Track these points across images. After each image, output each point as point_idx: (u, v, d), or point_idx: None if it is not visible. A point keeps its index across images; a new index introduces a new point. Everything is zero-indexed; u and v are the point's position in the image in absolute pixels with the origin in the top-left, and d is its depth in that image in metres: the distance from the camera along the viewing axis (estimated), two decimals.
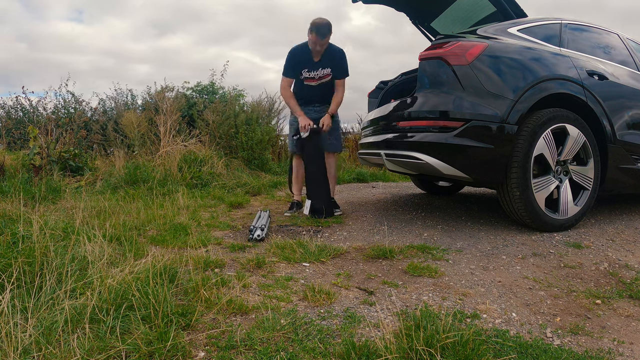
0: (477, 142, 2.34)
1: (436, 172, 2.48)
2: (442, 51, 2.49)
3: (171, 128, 5.34)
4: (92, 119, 7.07)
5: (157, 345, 1.20)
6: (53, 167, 4.50)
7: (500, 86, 2.41)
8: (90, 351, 1.16)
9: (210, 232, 2.67)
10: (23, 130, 6.26)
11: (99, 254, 1.79)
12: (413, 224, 2.83)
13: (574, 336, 1.42)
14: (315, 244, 2.22)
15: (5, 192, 3.49)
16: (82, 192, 3.82)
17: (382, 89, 3.67)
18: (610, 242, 2.38)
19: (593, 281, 1.88)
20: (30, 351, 1.14)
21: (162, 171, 4.58)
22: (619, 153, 2.74)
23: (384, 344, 1.20)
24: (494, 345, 1.29)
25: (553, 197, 2.54)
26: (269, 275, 1.88)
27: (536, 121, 2.41)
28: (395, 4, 3.62)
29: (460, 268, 2.00)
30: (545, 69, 2.53)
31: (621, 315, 1.57)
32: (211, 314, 1.45)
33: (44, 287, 1.46)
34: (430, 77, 2.53)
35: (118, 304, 1.37)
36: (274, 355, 1.20)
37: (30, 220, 2.11)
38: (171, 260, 1.85)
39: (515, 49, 2.55)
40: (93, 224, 2.31)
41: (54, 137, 5.08)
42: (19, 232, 1.85)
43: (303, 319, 1.44)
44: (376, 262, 2.10)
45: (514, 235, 2.47)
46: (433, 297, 1.69)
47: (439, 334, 1.20)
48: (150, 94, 7.33)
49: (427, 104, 2.51)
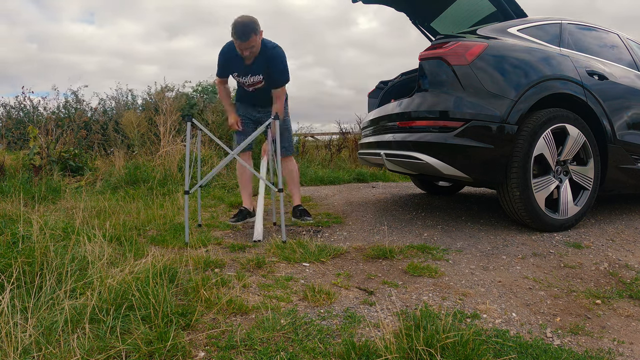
0: (477, 142, 2.34)
1: (436, 172, 2.48)
2: (442, 51, 2.49)
3: (171, 128, 5.34)
4: (92, 118, 7.07)
5: (157, 345, 1.20)
6: (53, 167, 4.50)
7: (500, 86, 2.41)
8: (90, 351, 1.16)
9: (210, 232, 2.67)
10: (23, 130, 6.26)
11: (99, 254, 1.79)
12: (413, 224, 2.83)
13: (574, 336, 1.42)
14: (315, 244, 2.22)
15: (5, 192, 3.50)
16: (82, 192, 3.82)
17: (382, 89, 3.67)
18: (610, 242, 2.38)
19: (593, 281, 1.88)
20: (30, 351, 1.14)
21: (162, 171, 4.58)
22: (619, 153, 2.74)
23: (384, 344, 1.20)
24: (494, 345, 1.29)
25: (553, 197, 2.54)
26: (269, 275, 1.88)
27: (536, 121, 2.41)
28: (395, 4, 3.62)
29: (460, 268, 2.00)
30: (545, 69, 2.53)
31: (621, 315, 1.57)
32: (211, 314, 1.45)
33: (44, 287, 1.46)
34: (430, 77, 2.53)
35: (118, 304, 1.37)
36: (274, 355, 1.20)
37: (30, 220, 2.11)
38: (171, 260, 1.85)
39: (515, 49, 2.55)
40: (93, 224, 2.31)
41: (54, 137, 5.08)
42: (19, 232, 1.85)
43: (303, 319, 1.44)
44: (376, 262, 2.10)
45: (514, 235, 2.47)
46: (433, 297, 1.69)
47: (439, 334, 1.20)
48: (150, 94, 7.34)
49: (427, 104, 2.51)
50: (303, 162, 6.59)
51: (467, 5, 3.34)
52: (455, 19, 3.55)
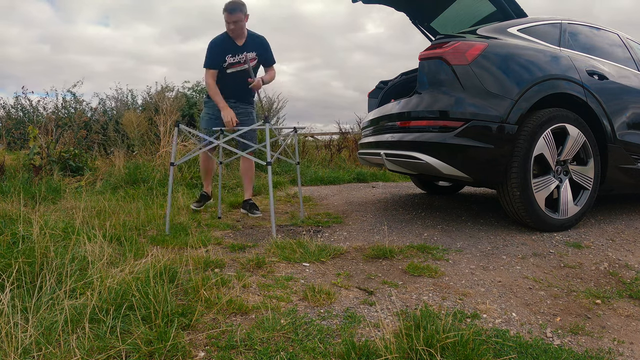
0: (477, 142, 2.34)
1: (436, 172, 2.48)
2: (442, 51, 2.48)
3: (171, 128, 5.34)
4: (92, 118, 7.08)
5: (157, 345, 1.20)
6: (53, 167, 4.50)
7: (500, 86, 2.41)
8: (90, 351, 1.16)
9: (210, 232, 2.67)
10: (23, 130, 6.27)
11: (99, 254, 1.79)
12: (413, 224, 2.83)
13: (574, 336, 1.42)
14: (315, 244, 2.22)
15: (5, 192, 3.49)
16: (82, 192, 3.82)
17: (382, 89, 3.67)
18: (610, 242, 2.38)
19: (593, 281, 1.88)
20: (30, 351, 1.14)
21: (162, 171, 4.58)
22: (619, 153, 2.74)
23: (384, 344, 1.20)
24: (494, 345, 1.29)
25: (553, 197, 2.54)
26: (269, 275, 1.88)
27: (536, 121, 2.41)
28: (395, 3, 3.62)
29: (460, 268, 2.00)
30: (545, 69, 2.53)
31: (621, 315, 1.57)
32: (211, 314, 1.45)
33: (44, 287, 1.46)
34: (430, 77, 2.53)
35: (118, 304, 1.37)
36: (274, 355, 1.20)
37: (30, 220, 2.11)
38: (171, 260, 1.85)
39: (516, 48, 2.55)
40: (93, 224, 2.32)
41: (54, 137, 5.08)
42: (19, 232, 1.85)
43: (303, 319, 1.44)
44: (376, 262, 2.10)
45: (514, 235, 2.47)
46: (433, 297, 1.69)
47: (439, 334, 1.20)
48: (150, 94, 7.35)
49: (427, 103, 2.51)
50: (303, 162, 6.59)
51: (467, 5, 3.34)
52: (455, 19, 3.55)
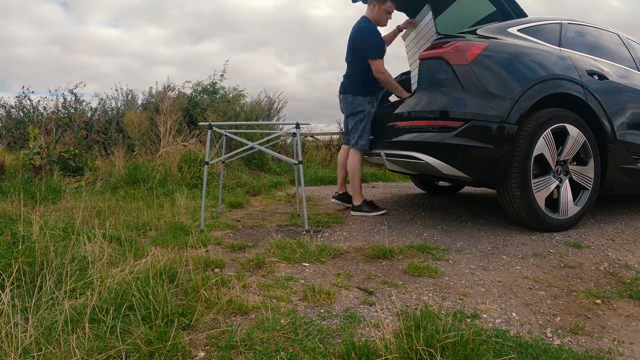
0: (477, 142, 2.34)
1: (436, 172, 2.48)
2: (442, 51, 2.48)
3: (171, 128, 5.34)
4: (92, 118, 7.08)
5: (157, 345, 1.20)
6: (53, 167, 4.50)
7: (500, 86, 2.41)
8: (90, 351, 1.16)
9: (210, 232, 2.67)
10: (23, 130, 6.26)
11: (99, 254, 1.79)
12: (413, 224, 2.83)
13: (574, 336, 1.42)
14: (315, 244, 2.22)
15: (5, 192, 3.49)
16: (82, 192, 3.82)
17: (382, 88, 3.67)
18: (610, 242, 2.38)
19: (593, 281, 1.88)
20: (30, 351, 1.14)
21: (162, 171, 4.58)
22: (619, 153, 2.74)
23: (384, 344, 1.19)
24: (494, 345, 1.29)
25: (553, 197, 2.54)
26: (269, 275, 1.88)
27: (536, 121, 2.41)
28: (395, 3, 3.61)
29: (460, 268, 2.00)
30: (545, 69, 2.53)
31: (621, 315, 1.57)
32: (211, 314, 1.45)
33: (44, 287, 1.46)
34: (430, 76, 2.53)
35: (118, 304, 1.37)
36: (274, 355, 1.20)
37: (30, 220, 2.11)
38: (171, 261, 1.85)
39: (515, 48, 2.55)
40: (93, 224, 2.31)
41: (54, 137, 5.08)
42: (19, 232, 1.85)
43: (303, 319, 1.44)
44: (376, 262, 2.10)
45: (514, 235, 2.47)
46: (433, 297, 1.69)
47: (439, 334, 1.20)
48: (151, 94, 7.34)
49: (427, 103, 2.51)
50: (303, 162, 6.58)
51: (467, 5, 3.34)
52: (455, 19, 3.54)
